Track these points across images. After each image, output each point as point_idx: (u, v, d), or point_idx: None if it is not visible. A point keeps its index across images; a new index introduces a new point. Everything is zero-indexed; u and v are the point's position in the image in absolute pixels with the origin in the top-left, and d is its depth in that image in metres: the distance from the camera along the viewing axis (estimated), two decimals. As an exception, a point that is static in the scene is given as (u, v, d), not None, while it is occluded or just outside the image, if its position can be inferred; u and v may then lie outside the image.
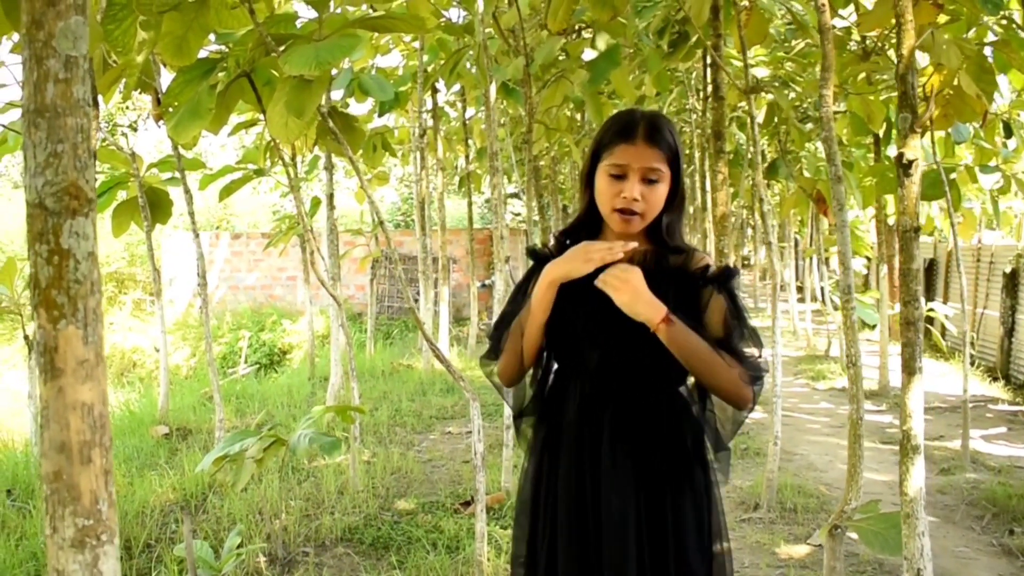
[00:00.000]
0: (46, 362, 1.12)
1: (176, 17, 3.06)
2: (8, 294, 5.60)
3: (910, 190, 2.40)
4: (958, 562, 3.92)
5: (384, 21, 3.23)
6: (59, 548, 1.13)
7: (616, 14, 3.74)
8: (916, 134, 2.37)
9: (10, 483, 5.00)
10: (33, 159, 1.11)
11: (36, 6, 1.11)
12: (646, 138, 1.83)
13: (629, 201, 1.81)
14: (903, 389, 2.45)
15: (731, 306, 1.83)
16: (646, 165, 1.82)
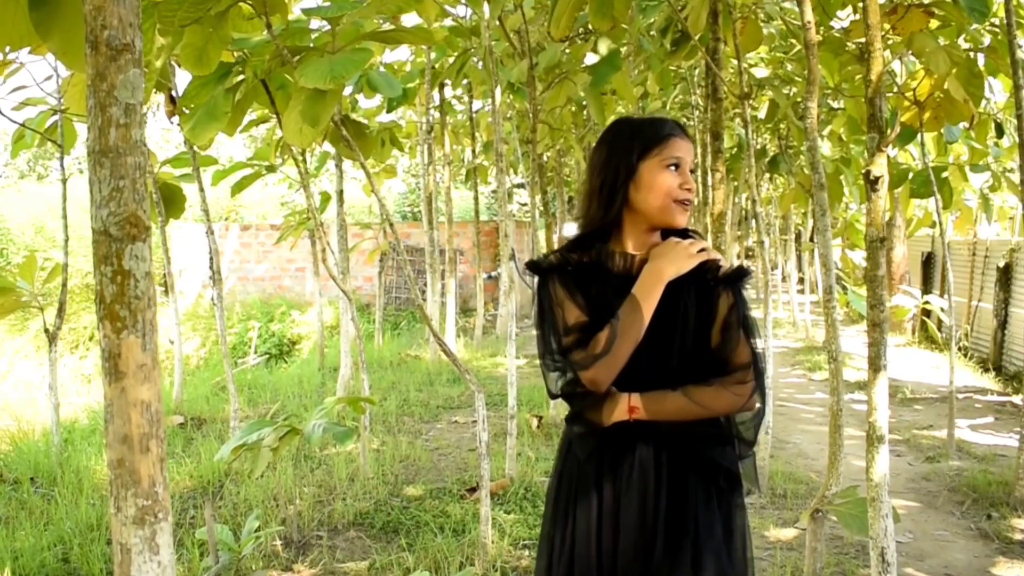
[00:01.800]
0: (111, 366, 1.32)
1: (197, 30, 3.21)
2: (29, 288, 5.74)
3: (876, 204, 2.59)
4: (936, 544, 4.13)
5: (395, 34, 3.41)
6: (122, 525, 1.33)
7: (616, 24, 3.91)
8: (883, 152, 2.56)
9: (32, 471, 5.19)
10: (98, 192, 1.31)
11: (100, 61, 1.30)
12: (684, 135, 1.94)
13: (689, 192, 1.90)
14: (869, 384, 2.67)
15: (736, 308, 1.86)
16: (691, 157, 1.94)
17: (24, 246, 18.33)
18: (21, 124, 5.50)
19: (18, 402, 10.83)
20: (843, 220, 10.74)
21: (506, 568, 3.66)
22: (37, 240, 18.52)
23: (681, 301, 1.87)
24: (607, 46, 4.85)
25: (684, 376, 1.85)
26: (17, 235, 19.13)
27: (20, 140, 5.71)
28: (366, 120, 8.43)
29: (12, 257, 18.41)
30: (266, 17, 3.20)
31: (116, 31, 1.29)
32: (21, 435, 6.54)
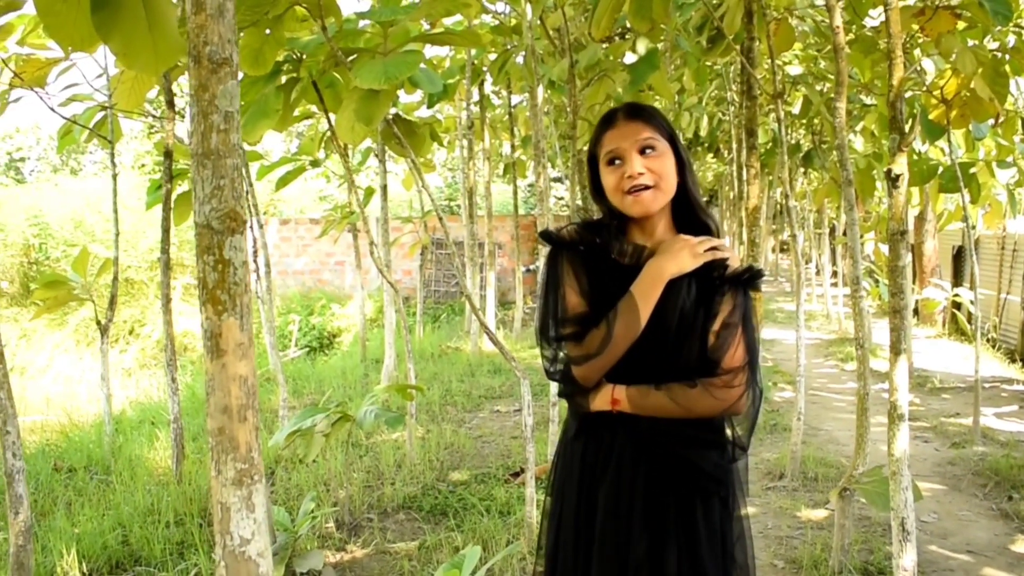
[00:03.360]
0: (212, 345, 1.48)
1: (254, 32, 3.36)
2: (81, 281, 5.93)
3: (897, 200, 2.72)
4: (959, 524, 4.27)
5: (444, 36, 3.56)
6: (222, 486, 1.48)
7: (654, 25, 4.02)
8: (904, 152, 2.68)
9: (86, 460, 5.41)
10: (201, 190, 1.46)
11: (202, 74, 1.45)
12: (628, 117, 1.86)
13: (635, 178, 1.81)
14: (891, 367, 2.82)
15: (737, 310, 1.82)
16: (639, 137, 1.82)
17: (64, 240, 18.64)
18: (70, 119, 5.67)
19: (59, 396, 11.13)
20: (876, 214, 10.75)
21: (550, 547, 3.80)
22: (76, 234, 18.79)
23: (680, 298, 1.82)
24: (646, 45, 4.94)
25: (676, 373, 1.80)
26: (56, 229, 19.44)
27: (67, 135, 5.87)
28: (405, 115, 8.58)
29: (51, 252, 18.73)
30: (321, 20, 3.35)
31: (216, 47, 1.44)
32: (71, 427, 6.76)
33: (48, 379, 16.59)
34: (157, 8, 2.20)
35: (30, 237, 20.02)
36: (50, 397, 11.32)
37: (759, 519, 4.30)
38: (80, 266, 5.98)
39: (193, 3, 1.43)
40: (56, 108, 5.48)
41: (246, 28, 3.30)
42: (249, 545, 1.49)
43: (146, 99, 5.11)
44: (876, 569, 3.60)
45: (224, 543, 1.49)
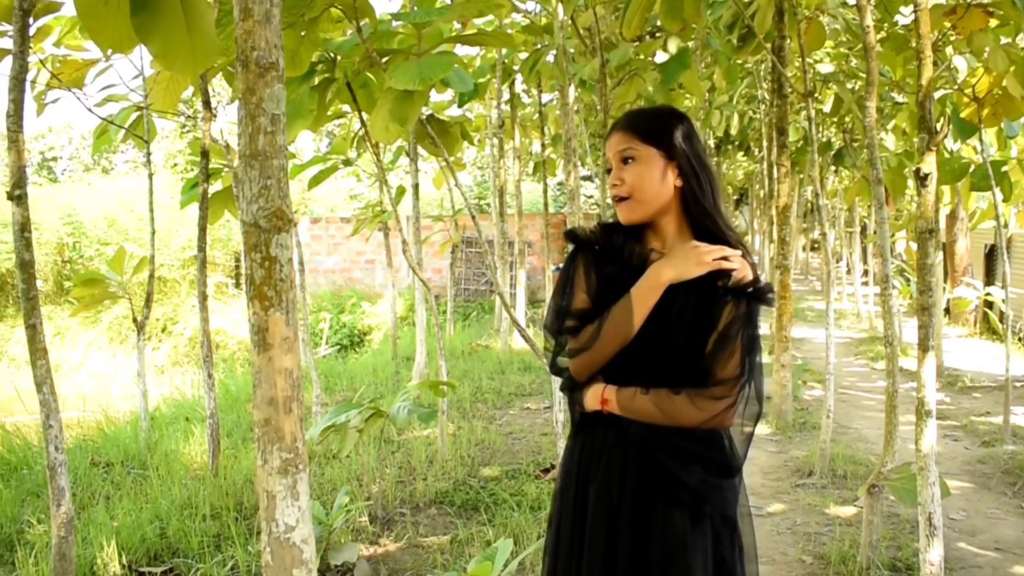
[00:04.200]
0: (259, 339, 1.53)
1: (291, 34, 3.41)
2: (118, 279, 6.03)
3: (926, 198, 2.74)
4: (988, 522, 4.28)
5: (477, 37, 3.61)
6: (268, 475, 1.54)
7: (685, 25, 4.04)
8: (932, 151, 2.69)
9: (123, 455, 5.50)
10: (249, 190, 1.51)
11: (250, 78, 1.50)
12: (616, 128, 1.87)
13: (613, 188, 1.84)
14: (918, 363, 2.83)
15: (738, 321, 1.76)
16: (616, 150, 1.84)
17: (97, 239, 18.88)
18: (106, 120, 5.76)
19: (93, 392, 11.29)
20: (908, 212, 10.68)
21: (581, 542, 3.84)
22: (110, 233, 19.01)
23: (678, 303, 1.79)
24: (676, 45, 4.97)
25: (670, 379, 1.77)
26: (90, 228, 19.67)
27: (103, 135, 5.97)
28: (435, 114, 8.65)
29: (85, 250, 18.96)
30: (356, 21, 3.40)
31: (263, 52, 1.49)
32: (108, 422, 6.88)
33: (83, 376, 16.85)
34: (195, 10, 2.26)
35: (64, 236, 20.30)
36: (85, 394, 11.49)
37: (788, 516, 4.32)
38: (117, 264, 6.08)
39: (241, 9, 1.48)
40: (93, 109, 5.59)
41: (283, 29, 3.35)
42: (294, 532, 1.54)
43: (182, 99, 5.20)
44: (904, 565, 3.61)
45: (270, 530, 1.54)
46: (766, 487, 4.81)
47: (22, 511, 4.29)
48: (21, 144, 3.24)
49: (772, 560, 3.76)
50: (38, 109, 5.61)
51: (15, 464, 5.29)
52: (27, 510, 4.29)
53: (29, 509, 4.29)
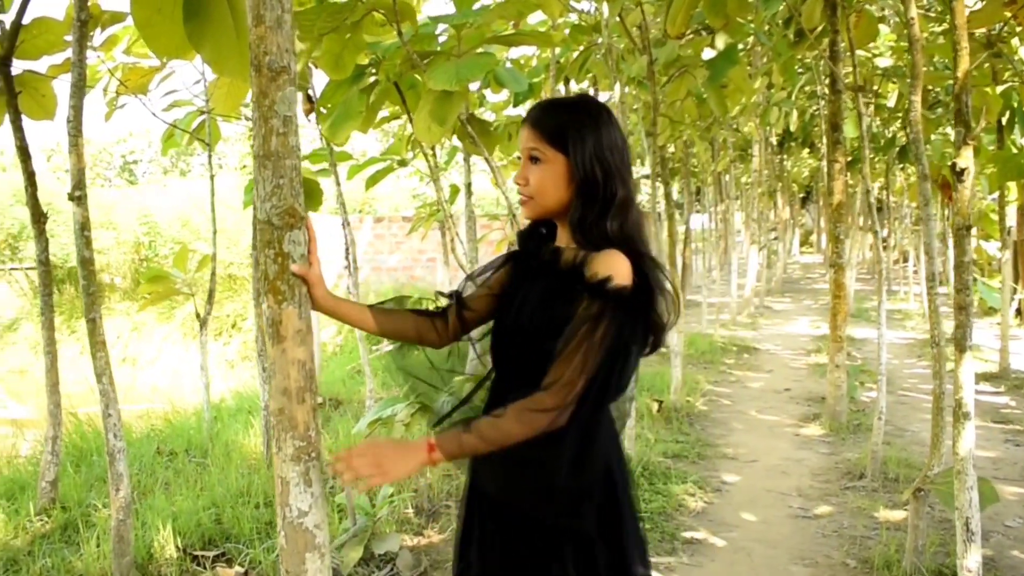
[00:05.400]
0: (273, 331, 1.60)
1: (334, 38, 3.50)
2: (183, 276, 6.21)
3: (963, 194, 2.69)
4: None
5: (516, 37, 3.66)
6: (282, 462, 1.61)
7: (729, 21, 4.03)
8: (969, 145, 2.64)
9: (186, 444, 5.70)
10: (262, 189, 1.58)
11: (263, 82, 1.57)
12: (527, 120, 1.78)
13: (520, 183, 1.79)
14: (956, 364, 2.77)
15: (586, 322, 1.60)
16: (525, 146, 1.76)
17: (171, 238, 19.49)
18: (171, 124, 5.96)
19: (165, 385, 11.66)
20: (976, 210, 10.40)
21: (621, 537, 3.87)
22: (183, 232, 19.63)
23: (531, 301, 1.74)
24: (724, 41, 4.95)
25: (532, 380, 1.63)
26: (164, 228, 20.37)
27: (170, 139, 6.17)
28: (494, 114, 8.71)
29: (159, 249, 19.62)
30: (397, 24, 3.48)
31: (275, 56, 1.56)
32: (175, 414, 7.11)
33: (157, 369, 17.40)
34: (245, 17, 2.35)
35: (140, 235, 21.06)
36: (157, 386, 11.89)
37: (835, 518, 4.27)
38: (181, 262, 6.26)
39: (254, 16, 1.55)
40: (158, 113, 5.78)
41: (327, 34, 3.45)
42: (306, 517, 1.62)
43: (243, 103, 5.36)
44: (951, 572, 3.52)
45: (284, 514, 1.62)
46: (815, 489, 4.76)
47: (89, 495, 4.46)
48: (81, 148, 3.39)
49: (815, 563, 3.73)
50: (107, 115, 5.83)
51: (86, 451, 5.50)
52: (94, 494, 4.46)
53: (95, 493, 4.46)
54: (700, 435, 5.91)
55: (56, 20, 3.96)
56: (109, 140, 39.22)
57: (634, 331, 1.63)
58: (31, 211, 4.11)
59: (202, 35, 2.36)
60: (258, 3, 1.55)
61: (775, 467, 5.19)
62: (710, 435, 5.95)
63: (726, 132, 11.34)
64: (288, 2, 1.57)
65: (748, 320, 12.73)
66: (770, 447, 5.67)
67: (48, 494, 4.31)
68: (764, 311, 14.13)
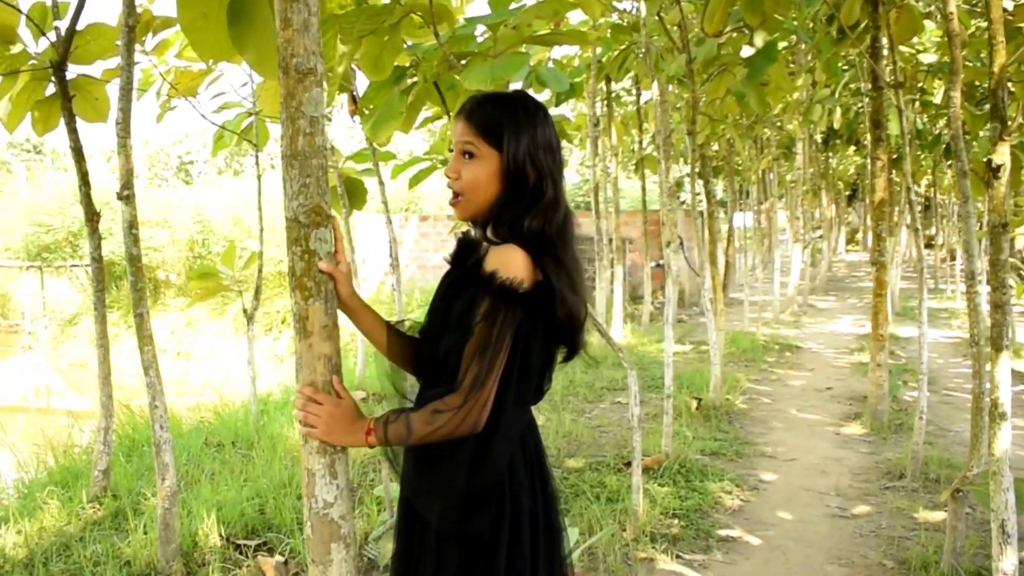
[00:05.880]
0: (300, 327, 1.66)
1: (373, 40, 3.57)
2: (230, 273, 6.34)
3: (999, 191, 2.67)
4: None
5: (551, 37, 3.69)
6: (309, 454, 1.67)
7: (766, 18, 4.02)
8: (1005, 142, 2.62)
9: (234, 436, 5.82)
10: (290, 188, 1.63)
11: (290, 83, 1.63)
12: (463, 112, 1.73)
13: (449, 180, 1.74)
14: (992, 363, 2.74)
15: (480, 318, 1.57)
16: (460, 139, 1.71)
17: (223, 236, 19.92)
18: (220, 126, 6.10)
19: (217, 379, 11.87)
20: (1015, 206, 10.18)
21: (655, 534, 3.90)
22: (235, 231, 20.05)
23: (444, 300, 1.74)
24: (763, 39, 4.93)
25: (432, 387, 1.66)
26: (217, 226, 20.85)
27: (220, 140, 6.32)
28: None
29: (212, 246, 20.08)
30: (434, 26, 3.54)
31: (302, 58, 1.61)
32: (223, 406, 7.27)
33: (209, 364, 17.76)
34: (289, 21, 2.43)
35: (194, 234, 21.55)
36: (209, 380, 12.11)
37: (873, 518, 4.25)
38: (229, 259, 6.39)
39: (281, 19, 1.60)
40: (208, 115, 5.93)
41: (366, 36, 3.52)
42: (332, 508, 1.66)
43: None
44: (989, 575, 3.50)
45: (310, 505, 1.67)
46: (853, 488, 4.74)
47: (139, 484, 4.61)
48: (129, 149, 3.50)
49: (851, 563, 3.72)
50: (159, 116, 6.00)
51: (138, 442, 5.66)
52: (143, 483, 4.60)
53: (145, 482, 4.60)
54: (739, 433, 5.90)
55: (108, 26, 4.09)
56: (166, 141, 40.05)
57: (533, 327, 1.60)
58: (85, 210, 4.24)
59: (246, 38, 2.42)
60: (285, 7, 1.59)
61: (814, 466, 5.18)
62: (749, 433, 5.94)
63: (769, 130, 11.28)
64: (315, 5, 1.61)
65: (791, 318, 12.63)
66: (810, 446, 5.65)
67: (100, 482, 4.46)
68: (808, 309, 14.02)
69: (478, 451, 1.59)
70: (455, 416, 1.53)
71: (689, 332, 11.25)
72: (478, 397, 1.53)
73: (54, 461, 5.55)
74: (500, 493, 1.67)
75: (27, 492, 4.76)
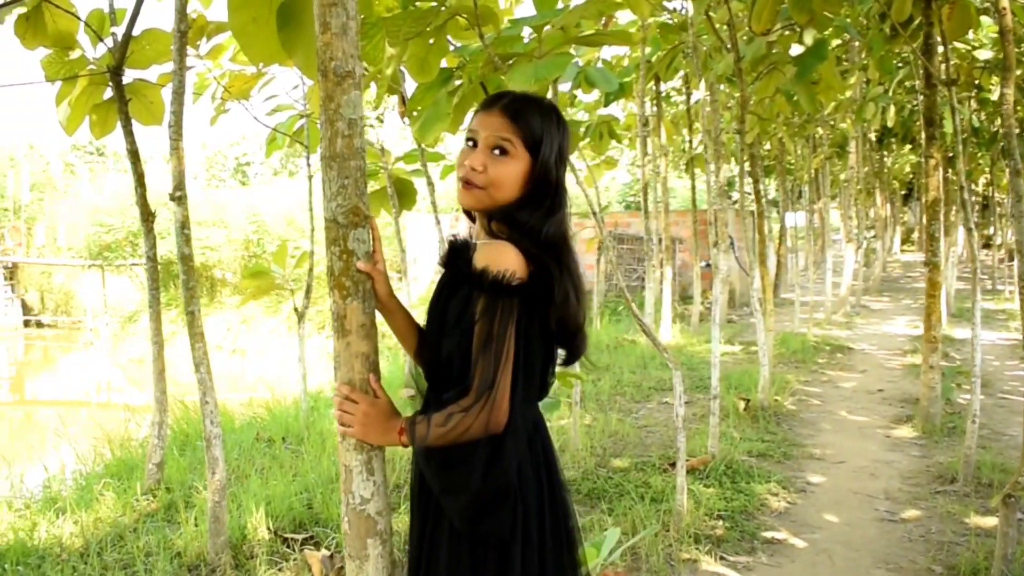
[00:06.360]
0: (338, 326, 1.69)
1: (419, 42, 3.61)
2: (281, 272, 6.45)
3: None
4: None
5: (596, 37, 3.70)
6: (346, 450, 1.70)
7: (814, 16, 3.98)
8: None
9: (284, 432, 5.93)
10: (328, 189, 1.67)
11: (329, 86, 1.67)
12: (503, 108, 1.72)
13: (467, 169, 1.70)
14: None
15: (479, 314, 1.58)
16: (495, 133, 1.69)
17: (278, 236, 20.29)
18: (273, 128, 6.21)
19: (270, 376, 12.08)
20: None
21: (699, 535, 3.89)
22: (289, 231, 20.44)
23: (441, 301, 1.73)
24: (813, 37, 4.87)
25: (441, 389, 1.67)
26: (271, 226, 21.24)
27: (272, 142, 6.43)
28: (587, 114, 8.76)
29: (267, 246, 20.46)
30: (478, 27, 3.57)
31: (340, 62, 1.64)
32: (275, 403, 7.40)
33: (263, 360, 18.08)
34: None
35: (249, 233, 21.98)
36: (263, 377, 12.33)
37: (923, 523, 4.19)
38: (280, 259, 6.50)
39: (320, 23, 1.64)
40: (260, 118, 6.04)
41: (411, 39, 3.56)
42: (368, 504, 1.69)
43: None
44: (1043, 583, 3.44)
45: (347, 501, 1.70)
46: (903, 492, 4.67)
47: (191, 478, 4.72)
48: (181, 151, 3.59)
49: (899, 567, 3.67)
50: (212, 119, 6.13)
51: (192, 436, 5.79)
52: (195, 477, 4.71)
53: (197, 476, 4.70)
54: (787, 435, 5.85)
55: (164, 31, 4.19)
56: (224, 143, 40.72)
57: (531, 320, 1.61)
58: (140, 210, 4.36)
59: (295, 41, 2.46)
60: (324, 11, 1.63)
61: (863, 469, 5.11)
62: (797, 435, 5.88)
63: (822, 129, 11.13)
64: (353, 9, 1.65)
65: (843, 319, 12.45)
66: (859, 448, 5.57)
67: (154, 475, 4.58)
68: (861, 310, 13.82)
69: (491, 449, 1.59)
70: (467, 417, 1.54)
71: (739, 332, 11.16)
72: (490, 395, 1.54)
73: (111, 454, 5.71)
74: (515, 494, 1.66)
75: (85, 484, 4.90)
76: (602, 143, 8.13)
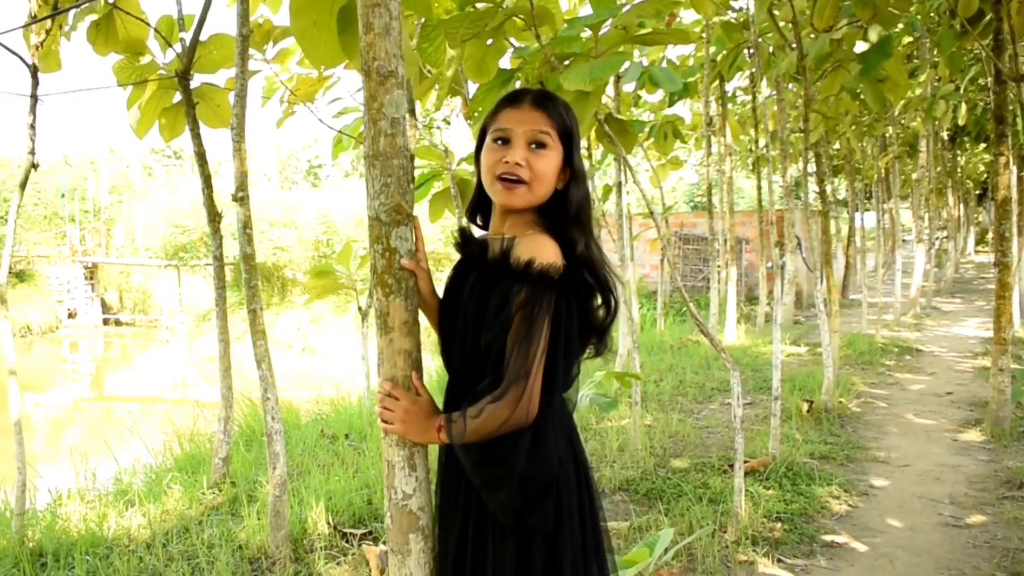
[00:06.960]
0: (381, 323, 1.72)
1: (476, 44, 3.64)
2: (346, 272, 6.55)
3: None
4: None
5: (653, 36, 3.68)
6: (388, 446, 1.74)
7: (878, 12, 3.91)
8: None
9: (347, 428, 6.05)
10: (371, 187, 1.70)
11: (372, 86, 1.69)
12: (535, 102, 1.74)
13: (512, 165, 1.69)
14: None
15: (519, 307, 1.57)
16: (534, 128, 1.71)
17: (346, 236, 20.63)
18: (339, 131, 6.31)
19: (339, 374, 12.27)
20: None
21: (756, 536, 3.85)
22: (357, 231, 20.74)
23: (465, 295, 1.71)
24: (878, 33, 4.77)
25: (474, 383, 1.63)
26: (341, 227, 21.56)
27: (339, 144, 6.53)
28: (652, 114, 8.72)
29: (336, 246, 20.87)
30: (535, 28, 3.59)
31: (383, 62, 1.66)
32: (340, 400, 7.52)
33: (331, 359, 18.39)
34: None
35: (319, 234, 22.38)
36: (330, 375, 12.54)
37: (988, 528, 4.08)
38: (344, 258, 6.61)
39: (364, 24, 1.66)
40: (325, 120, 6.14)
41: (469, 40, 3.59)
42: (410, 500, 1.72)
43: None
44: (1111, 590, 3.33)
45: (390, 496, 1.73)
46: (969, 497, 4.55)
47: (255, 472, 4.83)
48: (244, 153, 3.67)
49: (962, 573, 3.58)
50: (279, 122, 6.25)
51: (257, 432, 5.93)
52: (259, 472, 4.83)
53: (261, 471, 4.82)
54: (850, 437, 5.74)
55: (230, 36, 4.30)
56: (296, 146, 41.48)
57: (570, 311, 1.61)
58: (207, 211, 4.47)
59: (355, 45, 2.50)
60: (367, 12, 1.65)
61: (928, 473, 4.99)
62: (861, 437, 5.77)
63: (892, 127, 10.89)
64: (396, 10, 1.66)
65: (913, 321, 12.18)
66: (925, 452, 5.45)
67: (220, 470, 4.70)
68: (931, 312, 13.51)
69: (533, 439, 1.58)
70: (499, 407, 1.54)
71: (805, 334, 10.98)
72: (524, 386, 1.53)
73: (180, 449, 5.87)
74: (557, 487, 1.65)
75: (154, 478, 5.05)
76: (667, 143, 8.07)
